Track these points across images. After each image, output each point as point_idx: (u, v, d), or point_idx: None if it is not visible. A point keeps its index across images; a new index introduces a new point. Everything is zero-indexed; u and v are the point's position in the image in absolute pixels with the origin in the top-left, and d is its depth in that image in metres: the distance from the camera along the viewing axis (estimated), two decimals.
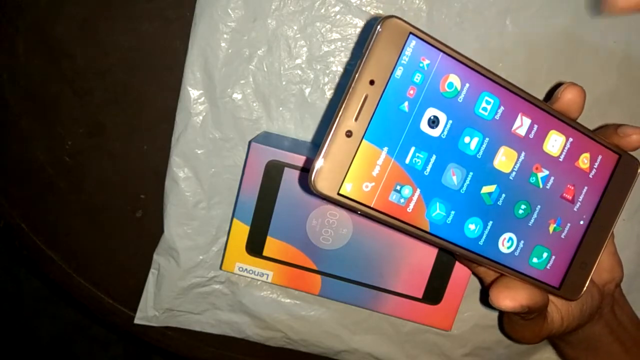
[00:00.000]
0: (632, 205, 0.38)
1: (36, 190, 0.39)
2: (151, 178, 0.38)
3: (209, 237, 0.38)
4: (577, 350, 0.35)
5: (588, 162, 0.27)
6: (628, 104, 0.37)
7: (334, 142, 0.22)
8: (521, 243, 0.26)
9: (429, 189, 0.24)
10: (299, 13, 0.34)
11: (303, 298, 0.40)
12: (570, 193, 0.27)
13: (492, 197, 0.25)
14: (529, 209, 0.26)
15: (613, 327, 0.33)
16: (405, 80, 0.23)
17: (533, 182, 0.26)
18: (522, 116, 0.25)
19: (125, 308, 0.42)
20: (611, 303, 0.32)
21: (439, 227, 0.25)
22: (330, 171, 0.22)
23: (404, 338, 0.41)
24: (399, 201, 0.24)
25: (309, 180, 0.22)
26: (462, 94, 0.24)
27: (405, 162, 0.23)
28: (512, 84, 0.24)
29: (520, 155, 0.25)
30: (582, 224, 0.27)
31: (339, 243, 0.34)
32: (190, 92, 0.35)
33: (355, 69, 0.22)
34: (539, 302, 0.27)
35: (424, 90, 0.23)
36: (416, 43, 0.22)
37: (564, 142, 0.26)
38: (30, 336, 1.17)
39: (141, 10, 0.35)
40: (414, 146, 0.23)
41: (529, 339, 0.31)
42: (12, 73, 0.37)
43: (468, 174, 0.25)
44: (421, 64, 0.23)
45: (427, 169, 0.24)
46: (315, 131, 0.37)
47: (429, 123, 0.23)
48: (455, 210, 0.25)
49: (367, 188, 0.23)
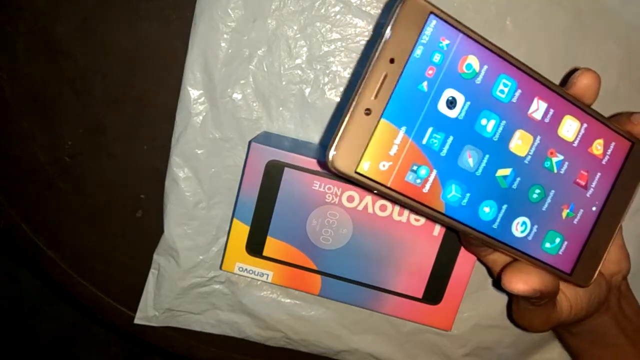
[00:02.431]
0: (633, 205, 0.38)
1: (36, 190, 0.39)
2: (151, 178, 0.38)
3: (209, 237, 0.38)
4: (583, 342, 0.35)
5: (601, 149, 0.26)
6: (628, 103, 0.37)
7: (352, 119, 0.22)
8: (535, 227, 0.26)
9: (446, 170, 0.24)
10: (299, 13, 0.34)
11: (303, 298, 0.40)
12: (584, 179, 0.27)
13: (507, 181, 0.25)
14: (543, 193, 0.26)
15: (619, 319, 0.33)
16: (424, 59, 0.22)
17: (547, 166, 0.26)
18: (539, 100, 0.25)
19: (125, 308, 0.42)
20: (618, 295, 0.33)
21: (454, 209, 0.25)
22: (348, 149, 0.22)
23: (404, 338, 0.41)
24: (415, 181, 0.24)
25: (326, 158, 0.22)
26: (480, 76, 0.23)
27: (423, 143, 0.23)
28: (530, 68, 0.24)
29: (535, 139, 0.25)
30: (594, 210, 0.27)
31: (339, 243, 0.34)
32: (190, 92, 0.35)
33: (376, 47, 0.22)
34: (551, 288, 0.27)
35: (442, 71, 0.23)
36: (436, 23, 0.22)
37: (579, 127, 0.26)
38: (30, 336, 1.17)
39: (141, 10, 0.35)
40: (431, 126, 0.23)
41: (537, 326, 0.31)
42: (12, 73, 0.37)
43: (484, 156, 0.24)
44: (440, 44, 0.23)
45: (443, 150, 0.24)
46: (315, 131, 0.37)
47: (447, 104, 0.23)
48: (470, 192, 0.25)
49: (384, 167, 0.23)
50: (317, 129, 0.37)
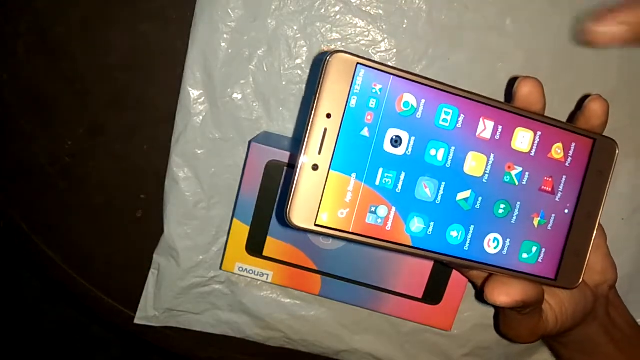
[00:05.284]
0: (631, 206, 0.38)
1: (36, 190, 0.40)
2: (151, 178, 0.38)
3: (209, 237, 0.38)
4: (573, 352, 0.35)
5: (562, 152, 0.27)
6: (628, 104, 0.37)
7: (302, 177, 0.23)
8: (507, 241, 0.27)
9: (404, 205, 0.25)
10: (299, 13, 0.34)
11: (303, 298, 0.40)
12: (549, 185, 0.27)
13: (469, 202, 0.26)
14: (509, 207, 0.26)
15: (608, 328, 0.33)
16: (361, 107, 0.23)
17: (508, 180, 0.26)
18: (484, 120, 0.25)
19: (125, 308, 0.42)
20: (606, 304, 0.32)
21: (421, 239, 0.25)
22: (304, 205, 0.23)
23: (404, 338, 0.41)
24: (377, 221, 0.25)
25: (285, 217, 0.23)
26: (419, 110, 0.24)
27: (376, 184, 0.24)
28: (469, 92, 0.25)
29: (489, 157, 0.25)
30: (567, 213, 0.27)
31: (339, 243, 0.34)
32: (190, 92, 0.35)
33: (311, 105, 0.23)
34: (534, 296, 0.27)
35: (381, 114, 0.24)
36: (365, 72, 0.23)
37: (533, 136, 0.26)
38: (31, 336, 1.17)
39: (141, 10, 0.35)
40: (381, 167, 0.24)
41: (524, 337, 0.31)
42: (12, 73, 0.37)
43: (440, 184, 0.25)
44: (373, 89, 0.24)
45: (398, 187, 0.25)
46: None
47: (392, 143, 0.24)
48: (434, 221, 0.25)
49: (342, 215, 0.24)
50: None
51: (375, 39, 0.35)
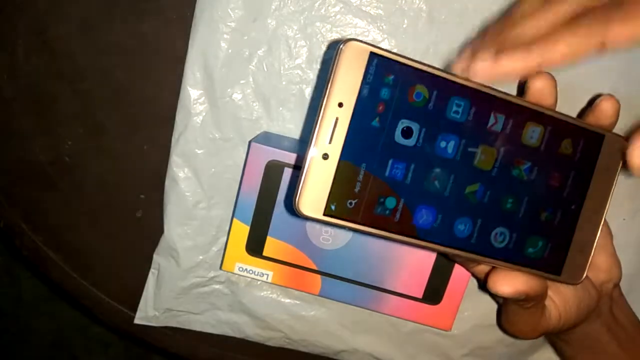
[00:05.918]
0: (633, 206, 0.38)
1: (36, 190, 0.40)
2: (151, 178, 0.38)
3: (209, 237, 0.38)
4: (575, 349, 0.35)
5: (571, 147, 0.27)
6: (628, 104, 0.37)
7: (312, 166, 0.23)
8: (514, 236, 0.27)
9: (413, 196, 0.25)
10: (299, 13, 0.34)
11: (303, 298, 0.40)
12: (557, 180, 0.27)
13: (477, 196, 0.26)
14: (516, 201, 0.26)
15: (611, 326, 0.33)
16: (372, 97, 0.23)
17: (516, 175, 0.26)
18: (495, 113, 0.25)
19: (125, 308, 0.42)
20: (609, 303, 0.33)
21: (428, 231, 0.25)
22: (312, 194, 0.23)
23: (404, 338, 0.41)
24: (385, 213, 0.24)
25: (294, 206, 0.23)
26: (431, 102, 0.24)
27: (385, 175, 0.24)
28: (481, 84, 0.25)
29: (499, 151, 0.25)
30: (574, 208, 0.27)
31: (339, 243, 0.34)
32: (190, 92, 0.35)
33: (323, 94, 0.23)
34: (537, 289, 0.27)
35: (393, 104, 0.24)
36: (378, 61, 0.23)
37: (543, 131, 0.26)
38: (30, 336, 1.17)
39: (141, 10, 0.35)
40: (391, 158, 0.24)
41: (526, 332, 0.31)
42: (12, 73, 0.37)
43: (449, 176, 0.25)
44: (386, 79, 0.23)
45: (407, 178, 0.24)
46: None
47: (403, 134, 0.24)
48: (442, 213, 0.25)
49: (351, 205, 0.24)
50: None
51: (375, 39, 0.35)
